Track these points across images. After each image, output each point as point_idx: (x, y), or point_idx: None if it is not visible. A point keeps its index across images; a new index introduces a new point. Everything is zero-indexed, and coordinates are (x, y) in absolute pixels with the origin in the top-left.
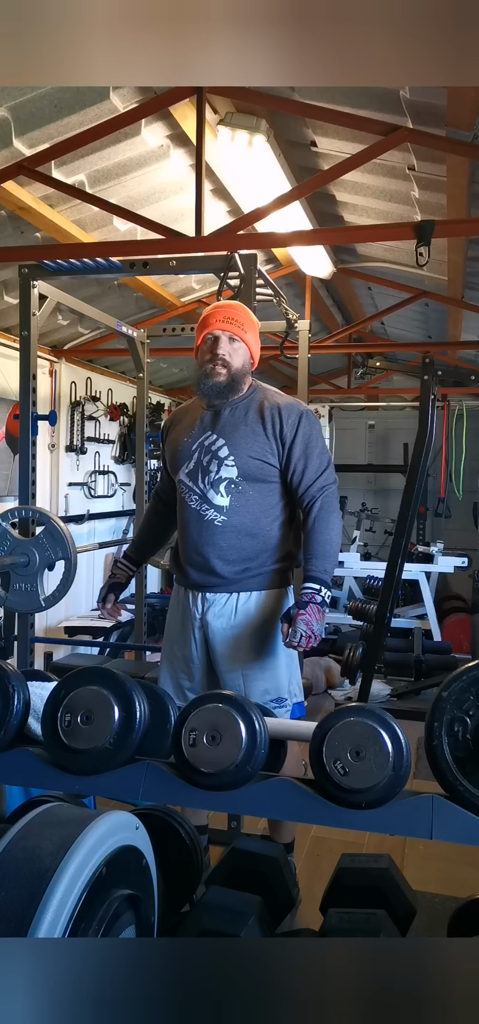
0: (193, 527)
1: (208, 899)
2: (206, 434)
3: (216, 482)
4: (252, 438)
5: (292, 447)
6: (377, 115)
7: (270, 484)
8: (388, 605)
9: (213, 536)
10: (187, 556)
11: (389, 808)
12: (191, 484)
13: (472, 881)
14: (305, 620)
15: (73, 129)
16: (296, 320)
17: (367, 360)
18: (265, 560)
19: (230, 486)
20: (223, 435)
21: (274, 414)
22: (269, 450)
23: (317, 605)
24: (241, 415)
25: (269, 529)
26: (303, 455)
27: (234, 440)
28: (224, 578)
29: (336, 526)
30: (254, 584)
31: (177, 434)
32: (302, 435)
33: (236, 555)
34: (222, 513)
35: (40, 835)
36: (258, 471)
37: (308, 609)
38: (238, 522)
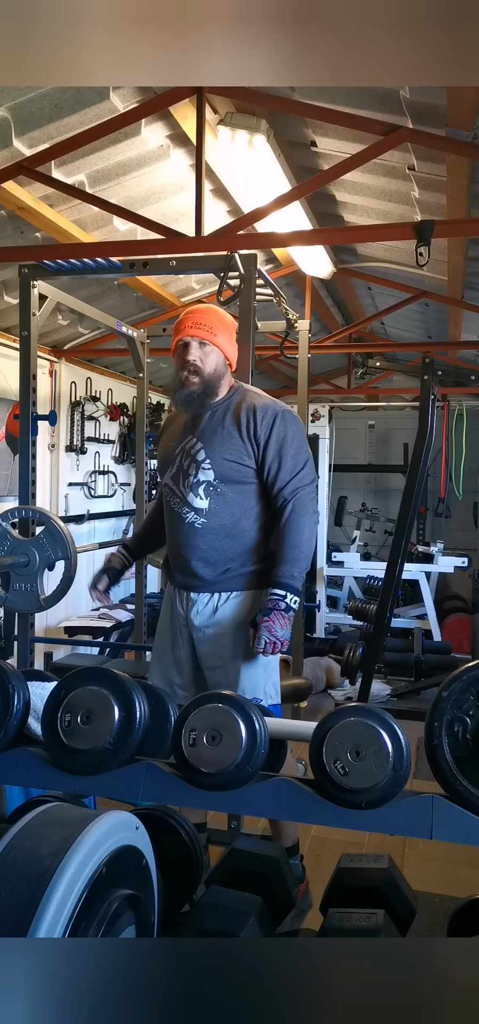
0: (176, 530)
1: (208, 899)
2: (187, 438)
3: (195, 485)
4: (227, 440)
5: (266, 448)
6: (377, 115)
7: (248, 485)
8: (388, 605)
9: (194, 538)
10: (172, 558)
11: (389, 808)
12: (173, 487)
13: (472, 881)
14: (268, 627)
15: (73, 129)
16: (296, 320)
17: (367, 360)
18: (245, 561)
19: (209, 488)
20: (202, 439)
21: (249, 415)
22: (244, 451)
23: (281, 612)
24: (219, 418)
25: (249, 530)
26: (277, 456)
27: (211, 443)
28: (205, 580)
29: (307, 529)
30: (234, 584)
31: (166, 439)
32: (276, 436)
33: (216, 556)
34: (201, 515)
35: (40, 835)
36: (234, 473)
37: (272, 616)
38: (217, 524)
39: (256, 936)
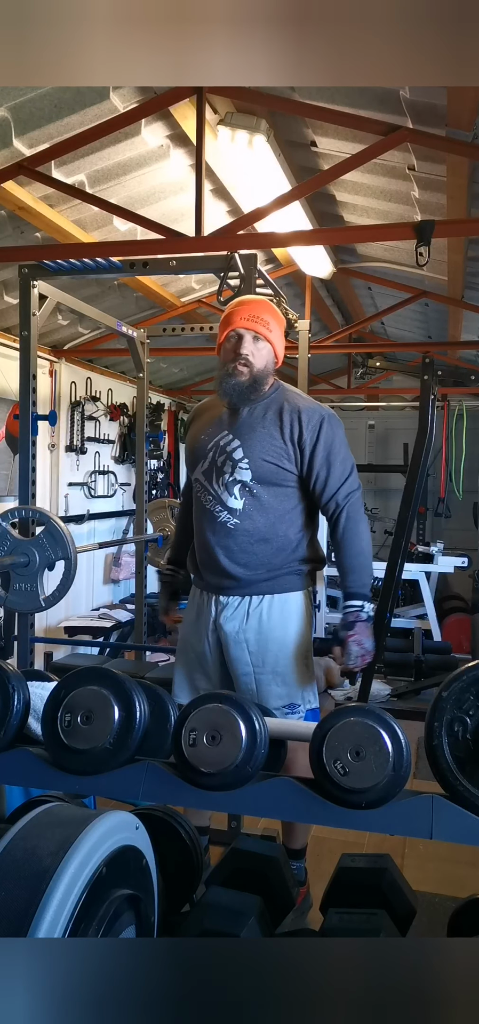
0: (207, 528)
1: (208, 899)
2: (222, 433)
3: (230, 484)
4: (268, 441)
5: (313, 454)
6: (377, 115)
7: (286, 489)
8: (388, 605)
9: (225, 538)
10: (201, 557)
11: (389, 808)
12: (206, 484)
13: (472, 881)
14: (356, 640)
15: (73, 129)
16: (296, 320)
17: (367, 360)
18: (278, 564)
19: (244, 489)
20: (239, 436)
21: (293, 418)
22: (285, 454)
23: (363, 623)
24: (259, 416)
25: (285, 534)
26: (325, 462)
27: (249, 442)
28: (236, 579)
29: (366, 534)
30: (266, 588)
31: (196, 431)
32: (324, 441)
33: (247, 559)
34: (235, 516)
35: (40, 835)
36: (272, 475)
37: (356, 628)
38: (251, 526)
39: (256, 936)
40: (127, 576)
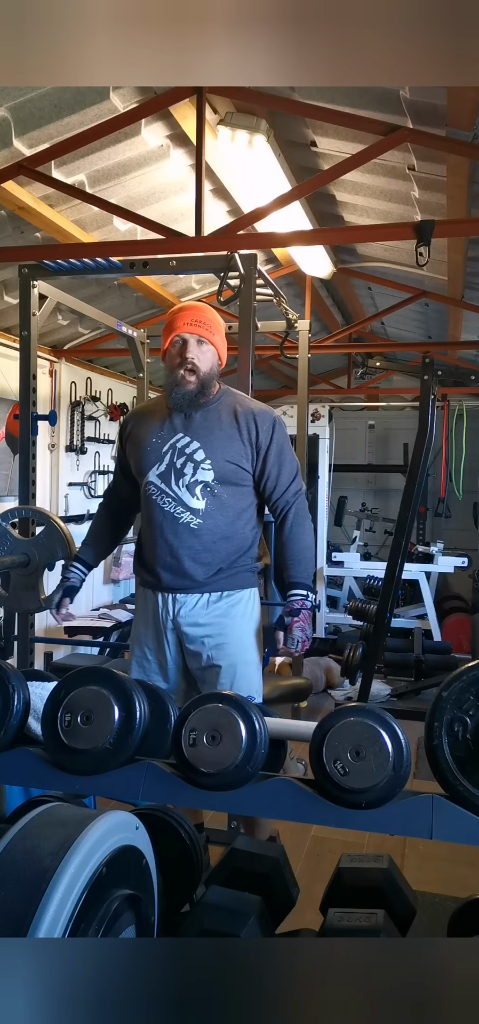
0: (167, 530)
1: (208, 899)
2: (178, 436)
3: (192, 485)
4: (228, 442)
5: (267, 454)
6: (377, 115)
7: (243, 488)
8: (388, 605)
9: (189, 539)
10: (159, 559)
11: (389, 808)
12: (163, 486)
13: (472, 881)
14: (300, 627)
15: (73, 129)
16: (296, 320)
17: (367, 360)
18: (236, 561)
19: (206, 489)
20: (198, 438)
21: (249, 420)
22: (244, 455)
23: (307, 610)
24: (214, 418)
25: (242, 532)
26: (277, 462)
27: (210, 443)
28: (195, 579)
29: (310, 530)
30: (226, 584)
31: (142, 434)
32: (276, 442)
33: (211, 558)
34: (198, 516)
35: (40, 835)
36: (233, 475)
37: (301, 615)
38: (213, 525)
39: (256, 936)
40: (127, 576)
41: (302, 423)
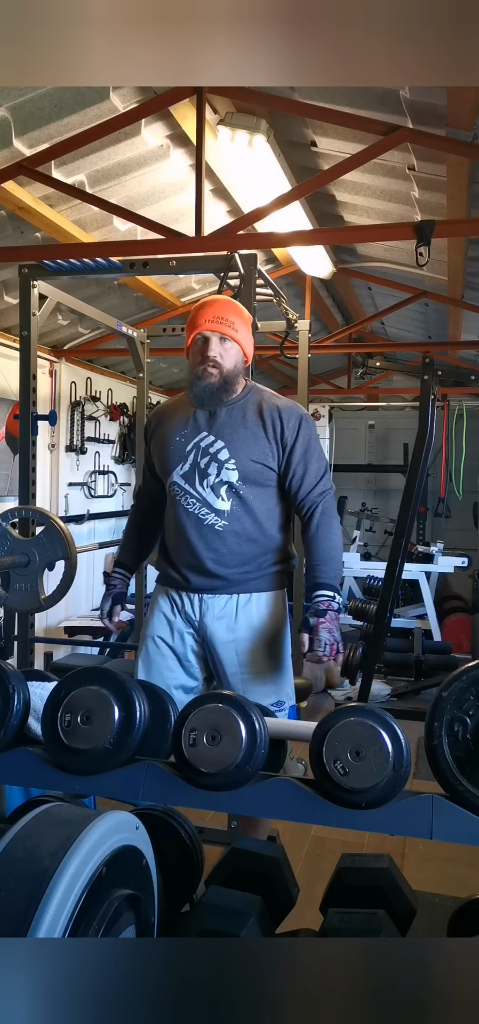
0: (192, 532)
1: (208, 899)
2: (202, 435)
3: (216, 486)
4: (253, 441)
5: (292, 451)
6: (377, 115)
7: (268, 488)
8: (388, 605)
9: (214, 541)
10: (184, 560)
11: (389, 808)
12: (187, 487)
13: (472, 881)
14: (327, 628)
15: (73, 129)
16: (296, 320)
17: (367, 360)
18: (264, 563)
19: (231, 490)
20: (222, 437)
21: (274, 416)
22: (270, 453)
23: (334, 612)
24: (239, 416)
25: (269, 533)
26: (303, 459)
27: (234, 443)
28: (222, 578)
29: (338, 531)
30: (254, 586)
31: (166, 432)
32: (302, 439)
33: (237, 560)
34: (223, 518)
35: (40, 835)
36: (258, 475)
37: (327, 617)
38: (239, 527)
39: (256, 936)
40: None
41: None
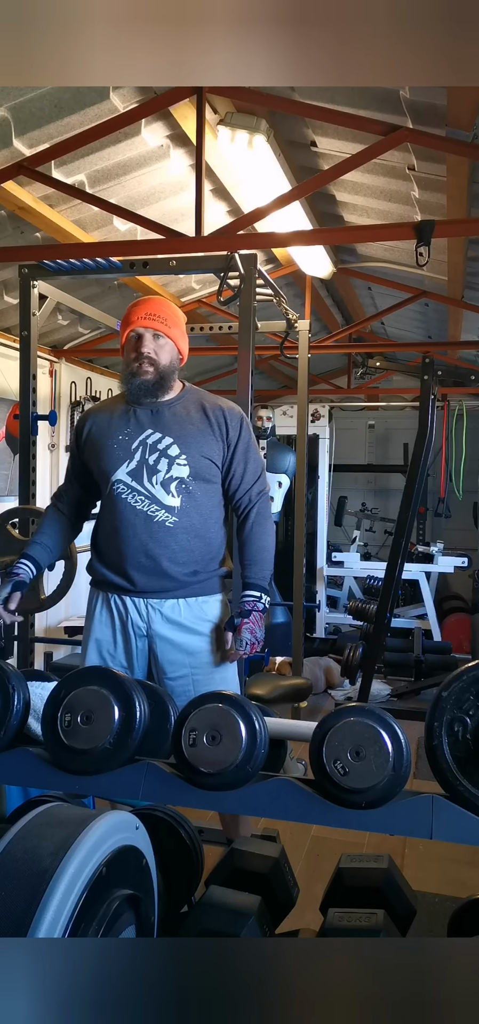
0: (141, 529)
1: (208, 899)
2: (148, 431)
3: (166, 482)
4: (201, 437)
5: (235, 450)
6: (377, 115)
7: (214, 485)
8: (388, 605)
9: (165, 537)
10: (131, 560)
11: (389, 808)
12: (135, 484)
13: (472, 881)
14: (249, 628)
15: (73, 129)
16: (296, 320)
17: (367, 360)
18: (210, 563)
19: (181, 486)
20: (170, 433)
21: (219, 416)
22: (216, 451)
23: (259, 612)
24: (183, 413)
25: (213, 531)
26: (243, 459)
27: (184, 438)
28: (173, 579)
29: (271, 532)
30: (200, 590)
31: (103, 433)
32: (244, 439)
33: (186, 557)
34: (173, 514)
35: (40, 835)
36: (207, 471)
37: (252, 617)
38: (188, 523)
39: (256, 936)
40: None
41: (302, 423)
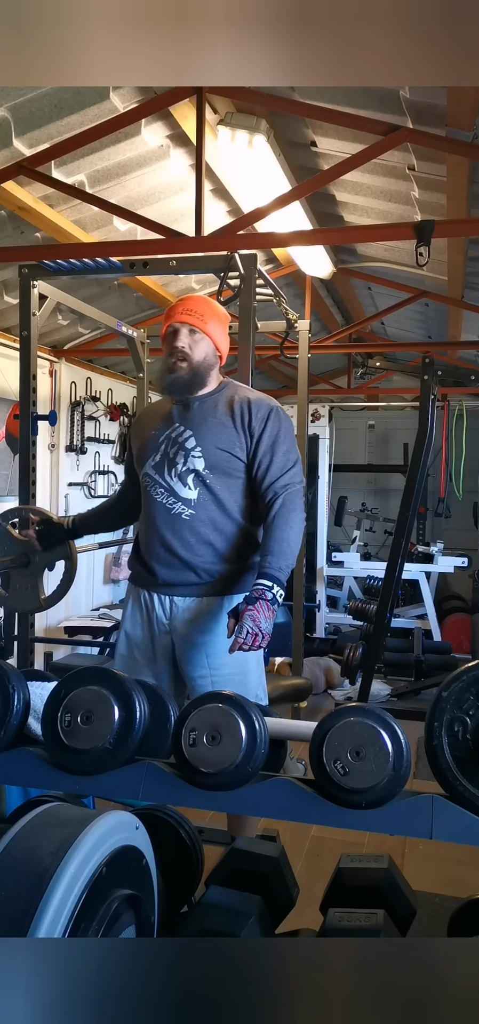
0: (161, 521)
1: (208, 899)
2: (173, 426)
3: (183, 474)
4: (220, 430)
5: (259, 441)
6: (377, 115)
7: (236, 479)
8: (388, 605)
9: (181, 529)
10: (154, 552)
11: (389, 808)
12: (157, 477)
13: (472, 881)
14: (252, 616)
15: (73, 129)
16: (296, 320)
17: (367, 360)
18: (233, 559)
19: (197, 478)
20: (191, 427)
21: (243, 407)
22: (237, 443)
23: (267, 602)
24: (210, 408)
25: (236, 526)
26: (269, 450)
27: (201, 431)
28: (193, 573)
29: (296, 525)
30: (224, 588)
31: (145, 429)
32: (270, 430)
33: (204, 550)
34: (189, 506)
35: (40, 835)
36: (225, 463)
37: (257, 605)
38: (205, 516)
39: (256, 936)
40: (127, 576)
41: (302, 423)
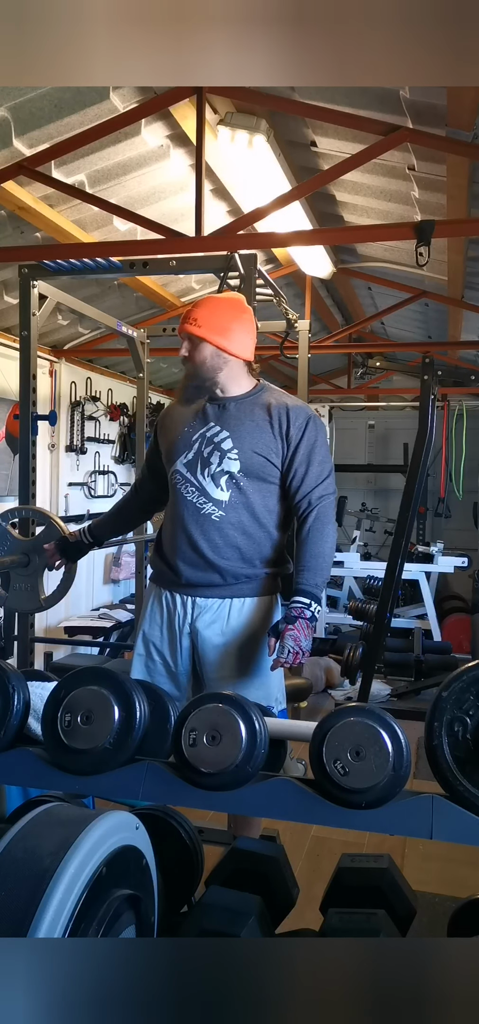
0: (189, 520)
1: (208, 899)
2: (209, 425)
3: (217, 475)
4: (258, 434)
5: (296, 449)
6: (377, 115)
7: (270, 485)
8: (388, 605)
9: (209, 530)
10: (180, 551)
11: (389, 808)
12: (189, 475)
13: (472, 881)
14: (293, 636)
15: (73, 129)
16: (296, 320)
17: (367, 360)
18: (258, 563)
19: (231, 480)
20: (228, 427)
21: (281, 413)
22: (274, 449)
23: (306, 620)
24: (247, 410)
25: (265, 531)
26: (306, 459)
27: (239, 433)
28: (218, 574)
29: (331, 538)
30: (247, 590)
31: (175, 423)
32: (308, 439)
33: (231, 552)
34: (220, 508)
35: (40, 835)
36: (260, 468)
37: (297, 624)
38: (235, 519)
39: (256, 936)
40: (127, 576)
41: None
